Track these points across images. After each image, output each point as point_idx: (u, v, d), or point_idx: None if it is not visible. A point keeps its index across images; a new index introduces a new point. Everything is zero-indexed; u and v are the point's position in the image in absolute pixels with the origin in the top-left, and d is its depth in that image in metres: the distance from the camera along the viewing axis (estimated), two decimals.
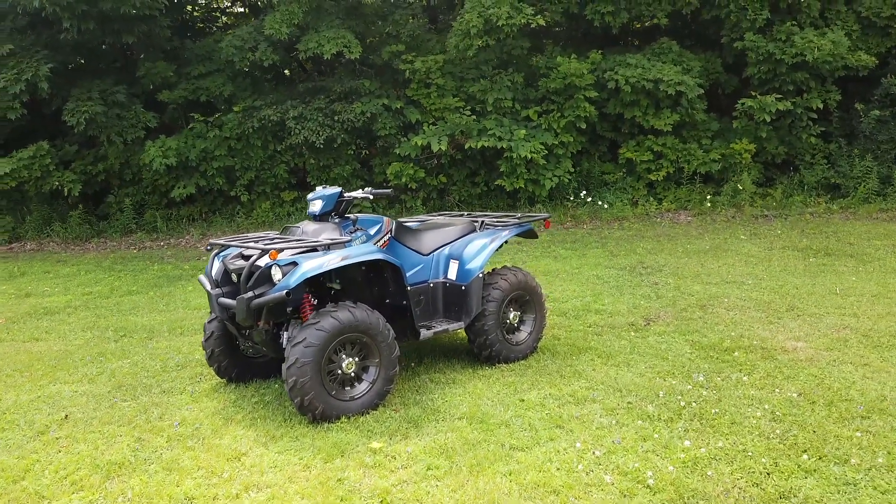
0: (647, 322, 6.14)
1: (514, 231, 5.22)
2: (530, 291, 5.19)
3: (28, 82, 10.80)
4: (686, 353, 5.19)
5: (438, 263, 5.02)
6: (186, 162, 12.01)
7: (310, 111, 11.82)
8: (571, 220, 12.14)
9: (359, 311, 4.14)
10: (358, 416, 4.11)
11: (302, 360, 3.91)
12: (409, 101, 12.38)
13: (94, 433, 4.01)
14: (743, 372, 4.75)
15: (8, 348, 6.04)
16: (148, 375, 5.09)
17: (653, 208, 12.33)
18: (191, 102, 12.52)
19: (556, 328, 6.01)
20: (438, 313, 4.97)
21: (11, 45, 11.08)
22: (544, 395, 4.42)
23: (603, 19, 11.96)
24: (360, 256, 4.20)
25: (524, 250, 10.07)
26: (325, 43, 10.78)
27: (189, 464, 3.57)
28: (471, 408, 4.23)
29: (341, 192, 4.64)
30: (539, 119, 12.14)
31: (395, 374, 4.31)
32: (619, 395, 4.39)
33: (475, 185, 12.74)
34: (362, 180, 12.76)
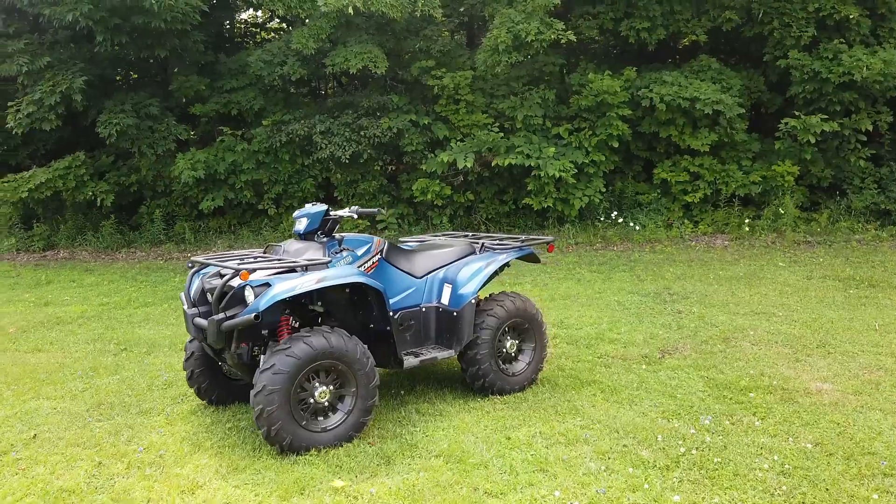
0: (662, 354, 5.75)
1: (512, 255, 4.93)
2: (529, 319, 4.89)
3: (63, 94, 11.02)
4: (698, 392, 4.79)
5: (432, 287, 4.76)
6: (215, 175, 12.07)
7: (337, 126, 11.75)
8: (601, 242, 11.73)
9: (334, 337, 3.90)
10: (331, 448, 3.86)
11: (270, 387, 3.69)
12: (438, 117, 12.21)
13: (57, 455, 3.86)
14: (757, 416, 4.33)
15: (6, 359, 6.01)
16: (132, 394, 4.96)
17: (688, 231, 11.83)
18: (222, 116, 12.61)
19: (563, 358, 5.67)
20: (430, 340, 4.71)
21: (49, 57, 11.34)
22: (534, 433, 4.10)
23: (638, 36, 11.60)
24: (338, 279, 3.98)
25: (547, 271, 9.73)
26: (352, 58, 10.70)
27: (140, 495, 3.38)
28: (451, 444, 3.94)
29: (327, 210, 4.44)
30: (570, 137, 11.81)
31: (372, 404, 4.06)
32: (615, 436, 4.04)
33: (503, 203, 12.46)
34: (389, 196, 12.62)
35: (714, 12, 11.78)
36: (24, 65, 11.13)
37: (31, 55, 11.34)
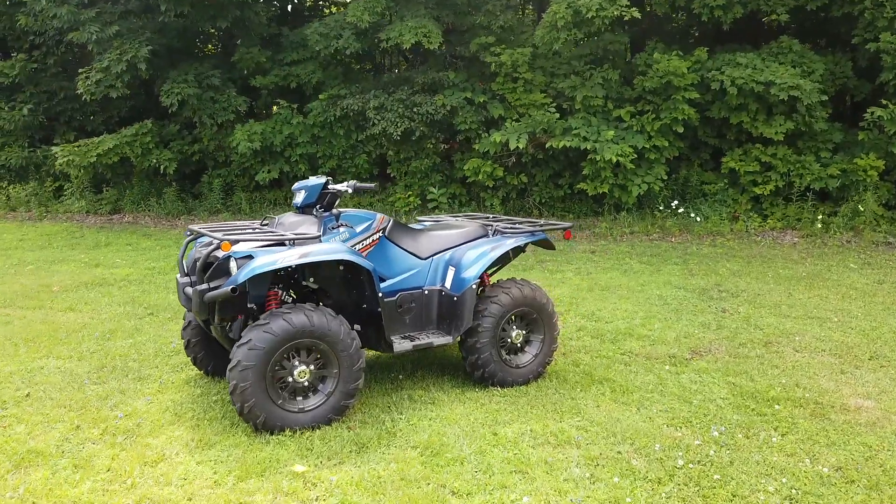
0: (691, 355, 5.33)
1: (522, 239, 4.63)
2: (538, 309, 4.59)
3: (129, 63, 11.34)
4: (718, 399, 4.39)
5: (437, 269, 4.54)
6: (271, 147, 12.18)
7: (391, 102, 11.60)
8: (659, 232, 11.15)
9: (317, 315, 3.75)
10: (307, 430, 3.73)
11: (245, 363, 3.58)
12: (494, 95, 11.86)
13: (40, 416, 3.90)
14: (778, 431, 3.91)
15: (38, 316, 6.20)
16: (137, 358, 4.99)
17: (755, 225, 11.07)
18: (281, 88, 12.69)
19: (582, 352, 5.34)
20: (431, 324, 4.49)
21: (118, 26, 11.68)
22: (523, 430, 3.84)
23: (712, 14, 10.84)
24: (323, 255, 3.81)
25: (593, 260, 9.31)
26: (406, 33, 10.49)
27: (101, 463, 3.34)
28: (432, 436, 3.74)
29: (326, 183, 4.27)
30: (631, 120, 11.23)
31: (356, 388, 3.89)
32: (611, 441, 3.73)
33: (558, 186, 12.02)
34: (442, 175, 12.41)
35: None
36: (94, 33, 11.50)
37: (101, 24, 11.70)
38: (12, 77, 13.54)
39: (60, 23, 11.66)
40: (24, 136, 14.27)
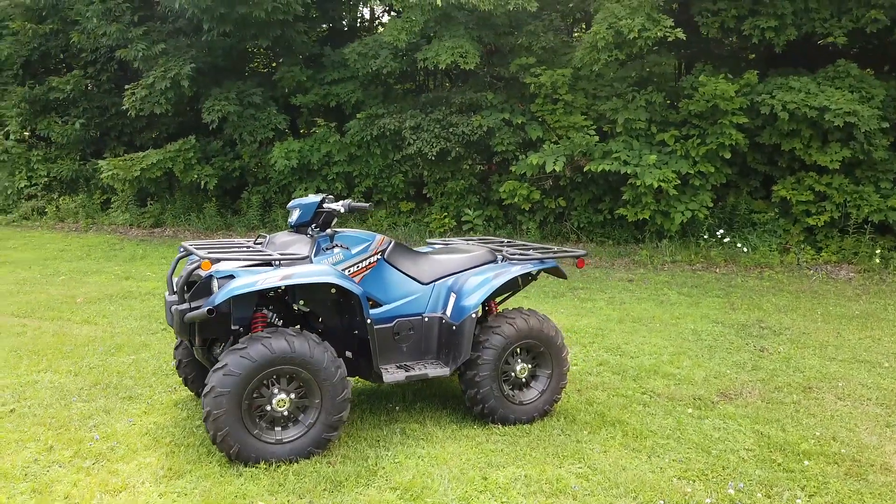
0: (719, 398, 4.90)
1: (528, 267, 4.33)
2: (545, 342, 4.27)
3: (172, 80, 11.55)
4: (742, 450, 3.97)
5: (439, 295, 4.28)
6: (308, 165, 12.19)
7: (427, 122, 11.46)
8: (703, 262, 10.61)
9: (298, 341, 3.53)
10: (283, 462, 3.50)
11: (219, 389, 3.38)
12: (533, 116, 11.59)
13: (18, 433, 3.79)
14: (805, 491, 3.48)
15: (51, 328, 6.20)
16: (133, 376, 4.87)
17: (807, 258, 10.42)
18: (321, 107, 12.72)
19: (598, 389, 4.97)
20: (431, 353, 4.23)
21: (165, 45, 11.93)
22: (517, 475, 3.52)
23: (763, 36, 10.35)
24: (306, 277, 3.60)
25: (629, 289, 8.88)
26: (442, 53, 10.35)
27: (61, 489, 3.18)
28: (416, 477, 3.45)
29: (321, 202, 4.08)
30: (675, 144, 10.78)
31: (339, 420, 3.65)
32: (612, 493, 3.37)
33: (598, 211, 11.62)
34: (478, 196, 12.17)
35: (857, 11, 10.28)
36: (141, 51, 11.77)
37: (149, 42, 11.98)
38: (67, 92, 13.99)
39: (110, 40, 12.00)
40: (76, 150, 14.71)
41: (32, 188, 14.60)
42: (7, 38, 14.69)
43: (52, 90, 14.11)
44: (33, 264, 9.80)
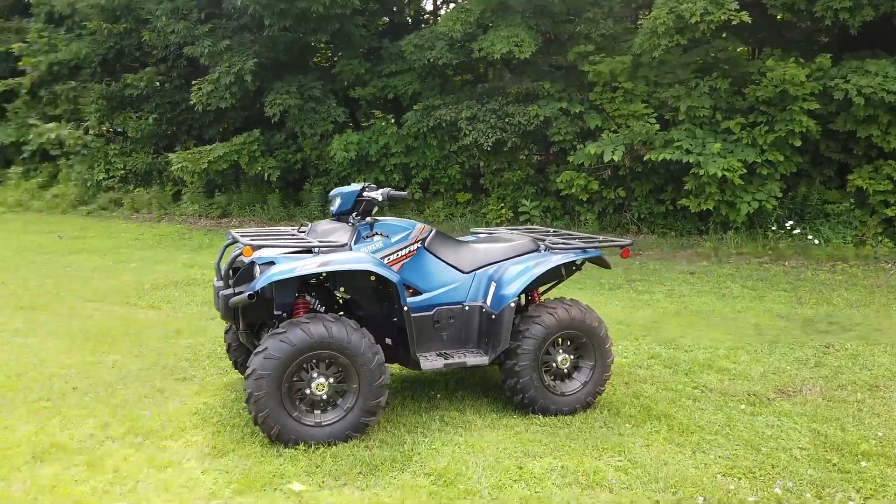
0: (776, 395, 4.70)
1: (570, 256, 4.26)
2: (588, 333, 4.19)
3: (236, 75, 11.90)
4: (795, 449, 3.80)
5: (480, 284, 4.26)
6: (367, 157, 12.34)
7: (483, 112, 11.41)
8: (770, 254, 10.18)
9: (336, 327, 3.59)
10: (322, 445, 3.57)
11: (260, 371, 3.48)
12: (592, 105, 11.37)
13: (77, 410, 4.00)
14: (861, 493, 3.31)
15: (117, 313, 6.50)
16: (189, 359, 5.07)
17: (885, 251, 9.87)
18: (379, 99, 12.85)
19: (647, 382, 4.85)
20: (472, 342, 4.21)
21: (229, 41, 12.29)
22: (554, 466, 3.48)
23: (837, 17, 9.81)
24: (343, 264, 3.65)
25: (690, 282, 8.62)
26: (497, 42, 10.27)
27: (112, 463, 3.34)
28: (451, 463, 3.46)
29: (361, 190, 4.12)
30: (741, 132, 10.37)
31: (377, 405, 3.69)
32: (650, 487, 3.29)
33: (660, 202, 11.31)
34: (535, 187, 12.05)
35: None
36: (207, 47, 12.17)
37: (214, 38, 12.37)
38: (140, 89, 14.60)
39: (178, 38, 12.44)
40: (149, 144, 15.35)
41: (110, 180, 15.33)
42: (86, 37, 15.44)
43: (127, 87, 14.76)
44: (108, 252, 10.30)
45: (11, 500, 2.98)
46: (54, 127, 15.39)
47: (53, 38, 15.91)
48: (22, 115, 16.57)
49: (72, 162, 15.67)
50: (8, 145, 16.61)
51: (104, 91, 15.02)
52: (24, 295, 7.06)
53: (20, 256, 9.67)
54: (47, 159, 16.39)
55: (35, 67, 15.84)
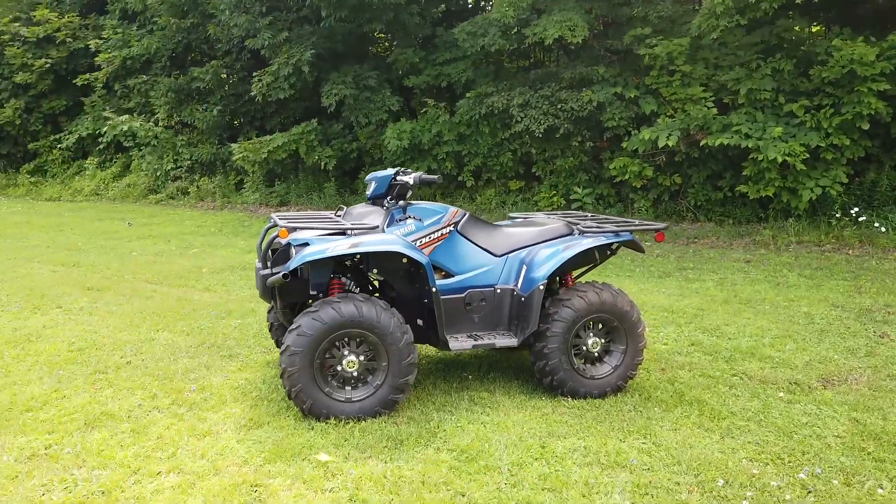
0: (820, 384, 4.58)
1: (601, 240, 4.25)
2: (619, 316, 4.19)
3: (294, 66, 12.22)
4: (830, 437, 3.70)
5: (511, 267, 4.31)
6: (420, 145, 12.47)
7: (536, 99, 11.35)
8: (834, 242, 9.79)
9: (366, 306, 3.71)
10: (352, 420, 3.71)
11: (293, 348, 3.64)
12: (648, 90, 11.14)
13: (129, 382, 4.26)
14: (894, 482, 3.21)
15: (174, 295, 6.84)
16: (237, 338, 5.31)
17: None
18: (433, 88, 12.94)
19: (684, 369, 4.80)
20: (502, 324, 4.27)
21: (288, 33, 12.62)
22: (577, 446, 3.51)
23: None
24: (373, 245, 3.77)
25: (744, 270, 8.39)
26: (549, 27, 10.18)
27: (155, 431, 3.57)
28: (474, 441, 3.54)
29: (395, 175, 4.23)
30: (805, 115, 9.97)
31: (405, 383, 3.80)
32: (672, 469, 3.28)
33: (717, 189, 11.02)
34: (589, 174, 11.91)
35: None
36: (267, 39, 12.53)
37: (274, 31, 12.72)
38: (206, 82, 15.16)
39: (240, 31, 12.85)
40: (214, 135, 15.94)
41: (177, 170, 16.01)
42: (156, 33, 16.13)
43: (194, 80, 15.36)
44: (172, 238, 10.80)
45: (62, 461, 3.23)
46: (127, 119, 16.16)
47: (127, 34, 16.68)
48: (98, 108, 17.47)
49: (143, 153, 16.43)
50: (85, 137, 17.54)
51: (173, 84, 15.67)
52: (92, 277, 7.51)
53: (92, 242, 10.25)
54: (121, 150, 17.23)
55: (110, 62, 16.65)
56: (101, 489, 2.98)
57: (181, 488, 3.02)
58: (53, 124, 18.51)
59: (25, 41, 17.73)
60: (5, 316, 5.74)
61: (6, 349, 4.83)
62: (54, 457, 3.26)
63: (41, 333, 5.24)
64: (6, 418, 3.68)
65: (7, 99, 18.05)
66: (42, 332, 5.29)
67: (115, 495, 2.94)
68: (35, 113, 18.24)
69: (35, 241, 10.27)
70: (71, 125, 18.00)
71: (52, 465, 3.19)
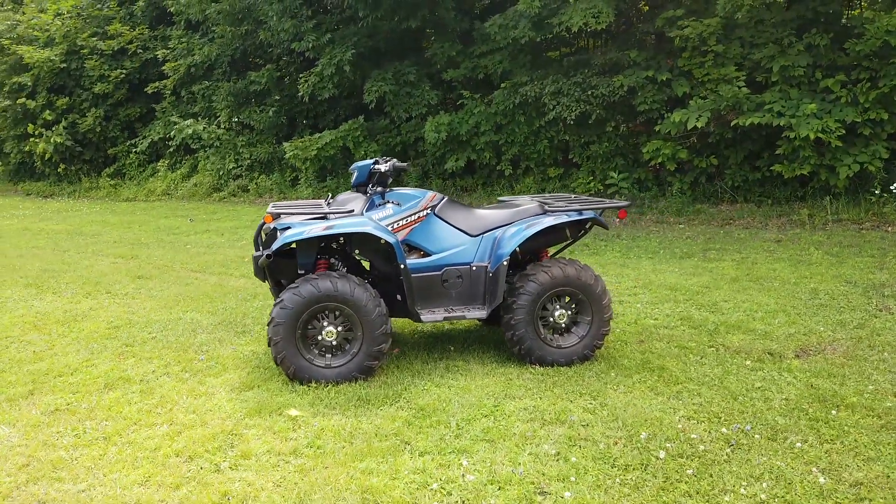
0: (797, 354, 4.71)
1: (563, 218, 4.52)
2: (584, 290, 4.47)
3: (337, 66, 12.82)
4: (777, 399, 3.88)
5: (486, 246, 4.65)
6: (458, 137, 12.83)
7: (568, 86, 11.50)
8: (874, 219, 9.55)
9: (341, 282, 4.15)
10: (331, 383, 4.16)
11: (277, 319, 4.12)
12: (680, 72, 11.10)
13: (150, 353, 4.87)
14: (820, 439, 3.38)
15: (212, 281, 7.49)
16: (254, 317, 5.86)
17: None
18: (470, 80, 13.27)
19: (664, 341, 5.01)
20: (478, 299, 4.62)
21: (331, 34, 13.23)
22: (527, 406, 3.84)
23: None
24: (343, 228, 4.19)
25: (769, 249, 8.36)
26: (575, 15, 10.31)
27: (160, 391, 4.13)
28: (434, 401, 3.93)
29: (373, 164, 4.64)
30: (841, 91, 9.75)
31: (379, 351, 4.22)
32: (609, 426, 3.57)
33: (755, 169, 10.88)
34: (624, 159, 11.97)
35: None
36: (312, 41, 13.18)
37: (318, 33, 13.36)
38: (262, 85, 16.02)
39: (287, 35, 13.56)
40: (270, 134, 16.80)
41: (238, 169, 16.97)
42: (216, 41, 17.12)
43: (251, 83, 16.25)
44: (226, 232, 11.60)
45: (78, 415, 3.83)
46: (192, 123, 17.24)
47: (190, 43, 17.78)
48: (167, 113, 18.69)
49: (207, 154, 17.49)
50: (157, 141, 18.80)
51: (232, 88, 16.63)
52: (144, 267, 8.29)
53: (154, 237, 11.16)
54: (189, 152, 18.38)
55: (176, 70, 17.80)
56: (103, 436, 3.55)
57: (169, 436, 3.54)
58: (130, 130, 19.91)
59: (102, 54, 19.15)
60: (60, 300, 6.52)
61: (54, 327, 5.56)
62: (72, 411, 3.86)
63: (87, 314, 5.96)
64: (41, 381, 4.33)
65: (88, 108, 19.55)
66: (88, 313, 6.01)
67: (114, 440, 3.50)
68: (113, 120, 19.67)
69: (106, 238, 11.28)
70: (144, 130, 19.32)
71: (70, 417, 3.79)
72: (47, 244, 10.55)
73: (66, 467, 3.24)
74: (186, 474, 3.16)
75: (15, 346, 5.13)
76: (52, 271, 8.02)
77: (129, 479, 3.13)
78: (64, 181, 20.16)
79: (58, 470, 3.21)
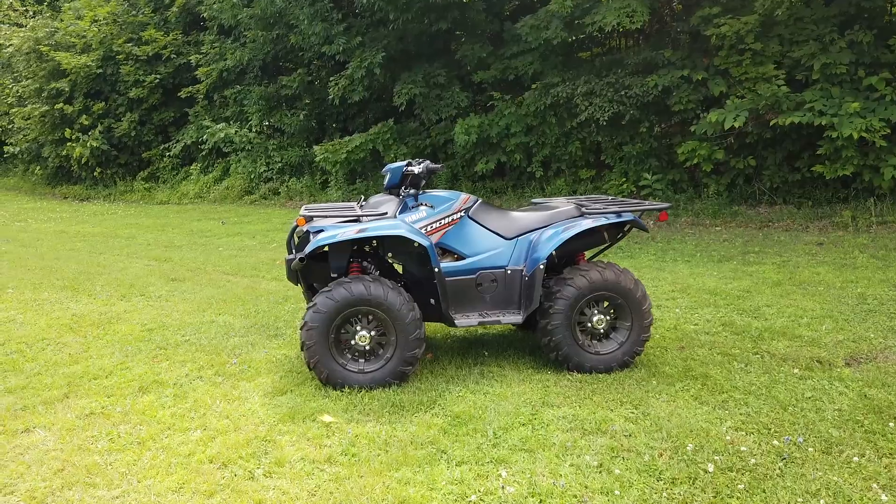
0: (847, 362, 4.52)
1: (601, 220, 4.39)
2: (623, 294, 4.33)
3: (367, 69, 12.80)
4: (829, 410, 3.71)
5: (521, 249, 4.54)
6: (488, 139, 12.73)
7: (601, 86, 11.33)
8: None
9: (374, 286, 4.08)
10: (365, 388, 4.09)
11: (310, 323, 4.06)
12: (717, 71, 10.85)
13: (184, 356, 4.85)
14: (878, 452, 3.21)
15: (244, 283, 7.49)
16: (287, 320, 5.82)
17: None
18: (500, 81, 13.15)
19: (704, 348, 4.85)
20: (513, 303, 4.52)
21: (361, 38, 13.22)
22: (566, 414, 3.72)
23: None
24: (376, 230, 4.12)
25: (812, 252, 8.11)
26: (609, 14, 10.14)
27: (193, 395, 4.09)
28: (470, 408, 3.83)
29: (406, 166, 4.57)
30: (886, 88, 9.43)
31: (413, 356, 4.14)
32: (649, 436, 3.44)
33: (795, 170, 10.59)
34: (658, 160, 11.74)
35: None
36: (342, 45, 13.19)
37: (349, 36, 13.37)
38: (293, 89, 16.10)
39: (318, 39, 13.59)
40: (301, 138, 16.88)
41: (269, 172, 17.07)
42: (248, 45, 17.25)
43: (282, 87, 16.35)
44: (257, 234, 11.65)
45: (112, 419, 3.81)
46: (224, 127, 17.40)
47: (223, 47, 17.95)
48: (200, 117, 18.88)
49: (239, 157, 17.63)
50: (190, 145, 19.01)
51: (263, 93, 16.75)
52: (178, 270, 8.34)
53: (188, 239, 11.25)
54: (221, 156, 18.54)
55: (208, 75, 17.99)
56: (137, 441, 3.52)
57: (203, 441, 3.50)
58: (163, 134, 20.17)
59: (137, 59, 19.43)
60: (96, 302, 6.56)
61: (90, 329, 5.58)
62: (107, 415, 3.85)
63: (122, 317, 5.99)
64: (77, 384, 4.33)
65: (123, 113, 19.85)
66: (123, 315, 6.04)
67: (148, 445, 3.47)
68: (147, 125, 19.95)
69: (140, 240, 11.40)
70: (178, 134, 19.56)
71: (104, 421, 3.77)
72: (83, 247, 10.70)
73: (100, 472, 3.21)
74: (220, 481, 3.11)
75: (51, 348, 5.16)
76: (88, 273, 8.10)
77: (163, 485, 3.09)
78: (100, 185, 20.50)
79: (92, 475, 3.19)
